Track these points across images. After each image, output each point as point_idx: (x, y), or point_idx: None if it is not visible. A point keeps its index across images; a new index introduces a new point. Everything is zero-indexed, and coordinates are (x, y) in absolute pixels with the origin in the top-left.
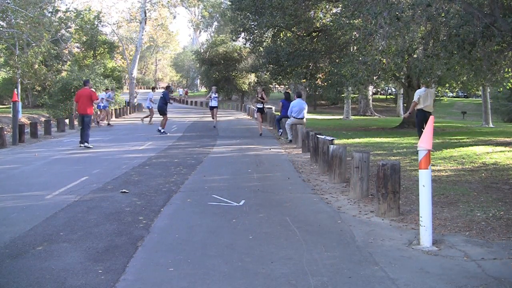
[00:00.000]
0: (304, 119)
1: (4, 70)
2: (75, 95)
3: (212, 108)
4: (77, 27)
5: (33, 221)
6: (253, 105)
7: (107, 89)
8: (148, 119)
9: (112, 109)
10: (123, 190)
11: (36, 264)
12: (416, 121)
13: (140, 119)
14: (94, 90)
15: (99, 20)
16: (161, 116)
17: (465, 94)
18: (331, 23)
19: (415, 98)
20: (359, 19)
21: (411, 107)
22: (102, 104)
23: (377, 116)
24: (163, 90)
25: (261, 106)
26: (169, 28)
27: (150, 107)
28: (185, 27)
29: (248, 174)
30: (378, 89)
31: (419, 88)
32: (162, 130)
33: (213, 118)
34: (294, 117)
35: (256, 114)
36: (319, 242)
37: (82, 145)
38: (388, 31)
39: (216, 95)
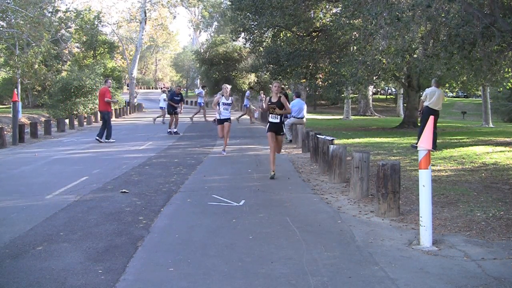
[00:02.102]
0: (304, 119)
1: (4, 70)
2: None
3: (222, 121)
4: (77, 27)
5: (33, 221)
6: (255, 106)
7: (203, 86)
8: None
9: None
10: (123, 190)
11: (36, 264)
12: (422, 117)
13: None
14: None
15: (99, 20)
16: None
17: (465, 94)
18: (331, 23)
19: (422, 96)
20: (359, 19)
21: (420, 106)
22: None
23: (377, 116)
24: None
25: (278, 121)
26: (169, 28)
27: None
28: (185, 27)
29: (248, 174)
30: (378, 89)
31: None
32: (174, 130)
33: (221, 137)
34: (294, 117)
35: (268, 135)
36: (319, 242)
37: (102, 140)
38: (388, 31)
39: (231, 101)
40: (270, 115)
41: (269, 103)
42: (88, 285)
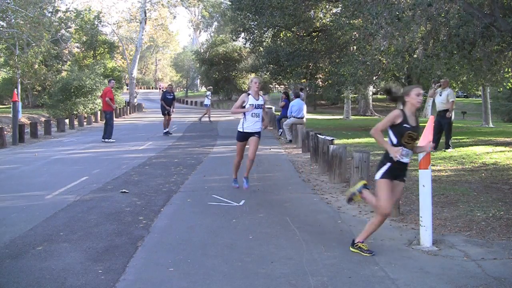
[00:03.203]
0: (304, 119)
1: (4, 70)
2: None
3: (246, 136)
4: (77, 27)
5: (33, 221)
6: None
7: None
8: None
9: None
10: (123, 190)
11: (36, 264)
12: (450, 122)
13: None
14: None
15: (99, 20)
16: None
17: (465, 94)
18: (331, 23)
19: (453, 98)
20: (359, 19)
21: (452, 107)
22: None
23: (377, 116)
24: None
25: (408, 160)
26: (169, 28)
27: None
28: (185, 27)
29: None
30: (378, 89)
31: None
32: (165, 130)
33: (238, 162)
34: (294, 117)
35: (384, 184)
36: (319, 242)
37: (104, 140)
38: (388, 31)
39: (262, 102)
40: (402, 150)
41: (406, 126)
42: (88, 285)
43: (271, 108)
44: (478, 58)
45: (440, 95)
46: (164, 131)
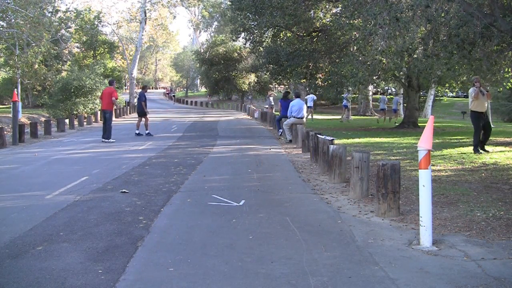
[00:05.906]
0: (304, 119)
1: (4, 70)
2: (101, 93)
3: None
4: (77, 27)
5: (33, 221)
6: (255, 106)
7: (383, 93)
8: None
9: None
10: (123, 190)
11: (36, 264)
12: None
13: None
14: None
15: (99, 20)
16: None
17: (465, 94)
18: (331, 23)
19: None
20: (359, 19)
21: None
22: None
23: (377, 116)
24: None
25: None
26: (169, 28)
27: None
28: (185, 27)
29: (248, 174)
30: (378, 89)
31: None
32: (147, 132)
33: None
34: (294, 117)
35: None
36: (319, 242)
37: (103, 140)
38: (388, 32)
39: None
40: None
41: None
42: (88, 285)
43: (272, 108)
44: (478, 58)
45: (483, 95)
46: (137, 132)
